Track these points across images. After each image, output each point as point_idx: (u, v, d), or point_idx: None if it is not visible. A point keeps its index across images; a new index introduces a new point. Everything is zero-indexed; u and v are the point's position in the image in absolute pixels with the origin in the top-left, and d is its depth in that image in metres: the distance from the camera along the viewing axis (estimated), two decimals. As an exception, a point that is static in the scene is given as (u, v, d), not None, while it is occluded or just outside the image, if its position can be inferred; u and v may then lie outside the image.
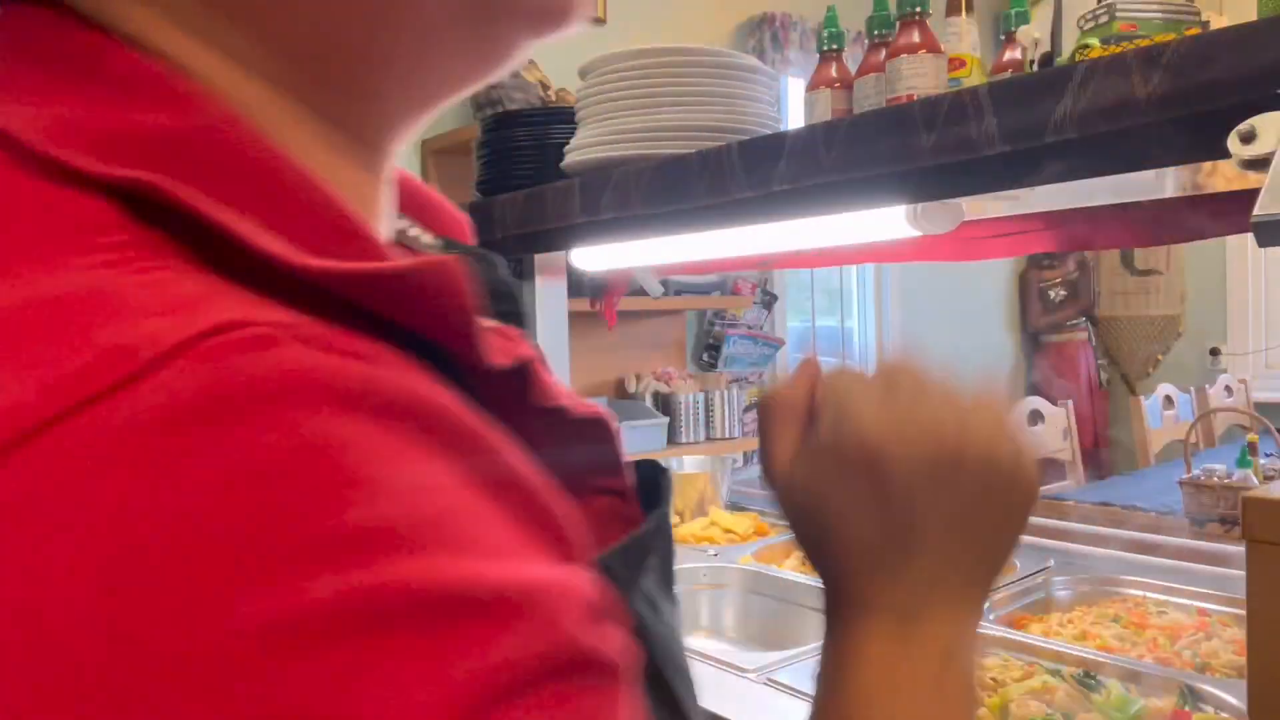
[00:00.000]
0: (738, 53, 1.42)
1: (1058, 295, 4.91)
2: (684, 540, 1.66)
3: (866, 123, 1.02)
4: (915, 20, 1.12)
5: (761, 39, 3.64)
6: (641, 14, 3.37)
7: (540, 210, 1.50)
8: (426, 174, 2.80)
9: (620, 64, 1.40)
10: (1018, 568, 1.38)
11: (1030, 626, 1.21)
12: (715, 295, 3.26)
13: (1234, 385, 4.03)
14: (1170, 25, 0.94)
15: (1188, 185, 1.06)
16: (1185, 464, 2.59)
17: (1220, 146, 0.70)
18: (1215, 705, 0.94)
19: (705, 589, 1.47)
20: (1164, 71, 0.76)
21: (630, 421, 2.87)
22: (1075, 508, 2.66)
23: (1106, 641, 1.14)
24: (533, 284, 1.85)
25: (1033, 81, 0.87)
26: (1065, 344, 4.90)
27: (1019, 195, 1.20)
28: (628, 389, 3.17)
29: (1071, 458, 3.46)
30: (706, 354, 3.54)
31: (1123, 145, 0.85)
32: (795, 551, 1.57)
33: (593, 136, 1.42)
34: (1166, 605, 1.24)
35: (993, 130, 0.89)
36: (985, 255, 1.51)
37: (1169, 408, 3.69)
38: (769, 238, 1.41)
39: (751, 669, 1.05)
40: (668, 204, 1.27)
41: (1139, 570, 1.36)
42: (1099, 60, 0.81)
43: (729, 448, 3.15)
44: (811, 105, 1.26)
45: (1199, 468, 2.50)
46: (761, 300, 3.59)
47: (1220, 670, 1.04)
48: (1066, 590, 1.33)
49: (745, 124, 1.38)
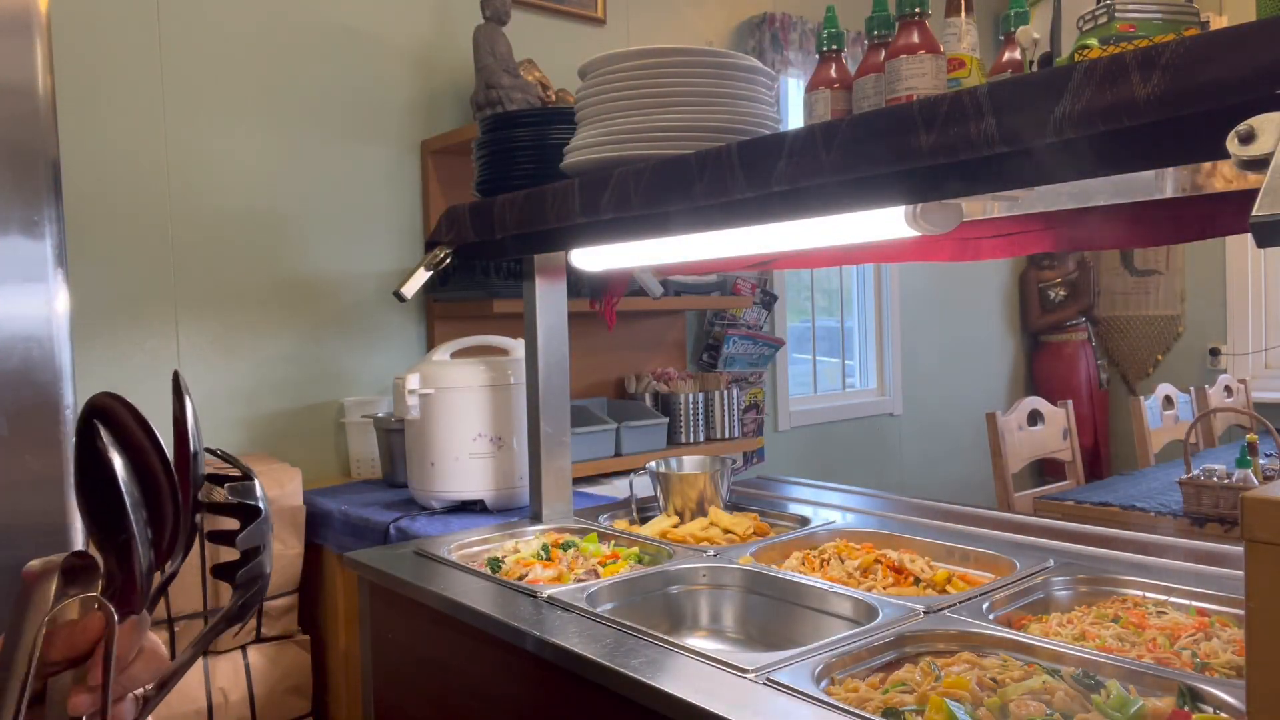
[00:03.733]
0: (738, 53, 1.42)
1: (1058, 295, 4.91)
2: (684, 540, 1.66)
3: (866, 123, 1.02)
4: (915, 20, 1.12)
5: (761, 39, 3.64)
6: (641, 14, 3.37)
7: (540, 210, 1.50)
8: (426, 174, 2.80)
9: (620, 64, 1.40)
10: (1018, 567, 1.38)
11: (1030, 626, 1.21)
12: (715, 295, 3.26)
13: (1234, 385, 4.03)
14: (1169, 26, 0.94)
15: (1188, 185, 1.06)
16: (1185, 464, 2.59)
17: (1219, 146, 0.70)
18: (1215, 705, 0.94)
19: (705, 589, 1.47)
20: (1163, 72, 0.76)
21: (630, 422, 2.88)
22: (1075, 508, 2.67)
23: (1106, 641, 1.14)
24: (533, 284, 1.86)
25: (1032, 82, 0.87)
26: (1065, 344, 4.90)
27: (1019, 195, 1.20)
28: (628, 389, 3.17)
29: (1071, 458, 3.46)
30: (706, 354, 3.54)
31: (1122, 145, 0.85)
32: (795, 551, 1.58)
33: (593, 136, 1.42)
34: (1166, 605, 1.24)
35: (992, 130, 0.89)
36: (985, 255, 1.51)
37: (1169, 408, 3.69)
38: (769, 238, 1.41)
39: (751, 669, 1.05)
40: (668, 204, 1.27)
41: (1138, 570, 1.36)
42: (1098, 61, 0.81)
43: (729, 448, 3.15)
44: (811, 105, 1.26)
45: (1199, 468, 2.50)
46: (761, 300, 3.59)
47: (1220, 670, 1.04)
48: (1066, 590, 1.33)
49: (745, 124, 1.38)
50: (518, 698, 1.31)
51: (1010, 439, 3.20)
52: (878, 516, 1.78)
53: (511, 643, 1.27)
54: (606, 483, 2.70)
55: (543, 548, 1.64)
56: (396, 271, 2.76)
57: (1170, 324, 4.83)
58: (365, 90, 2.72)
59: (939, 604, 1.25)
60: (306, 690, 2.26)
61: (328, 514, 2.26)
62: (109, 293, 2.31)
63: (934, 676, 1.04)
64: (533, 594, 1.38)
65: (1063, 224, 1.41)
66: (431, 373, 2.06)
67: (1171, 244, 4.35)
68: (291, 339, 2.59)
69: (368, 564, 1.61)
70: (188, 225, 2.43)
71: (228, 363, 2.48)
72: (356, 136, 2.70)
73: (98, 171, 2.29)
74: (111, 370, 2.31)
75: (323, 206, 2.64)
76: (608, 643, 1.17)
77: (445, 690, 1.46)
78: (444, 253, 1.76)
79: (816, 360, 4.26)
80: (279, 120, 2.57)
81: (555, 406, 1.86)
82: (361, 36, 2.71)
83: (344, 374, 2.68)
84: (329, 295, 2.66)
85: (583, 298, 2.62)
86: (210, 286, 2.46)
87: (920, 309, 4.51)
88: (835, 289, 4.37)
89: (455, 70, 2.89)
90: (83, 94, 2.27)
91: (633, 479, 2.00)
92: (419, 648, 1.52)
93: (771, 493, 2.05)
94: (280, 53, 2.57)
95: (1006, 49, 1.20)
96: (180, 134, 2.41)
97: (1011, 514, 1.76)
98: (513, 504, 2.09)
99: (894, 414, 4.39)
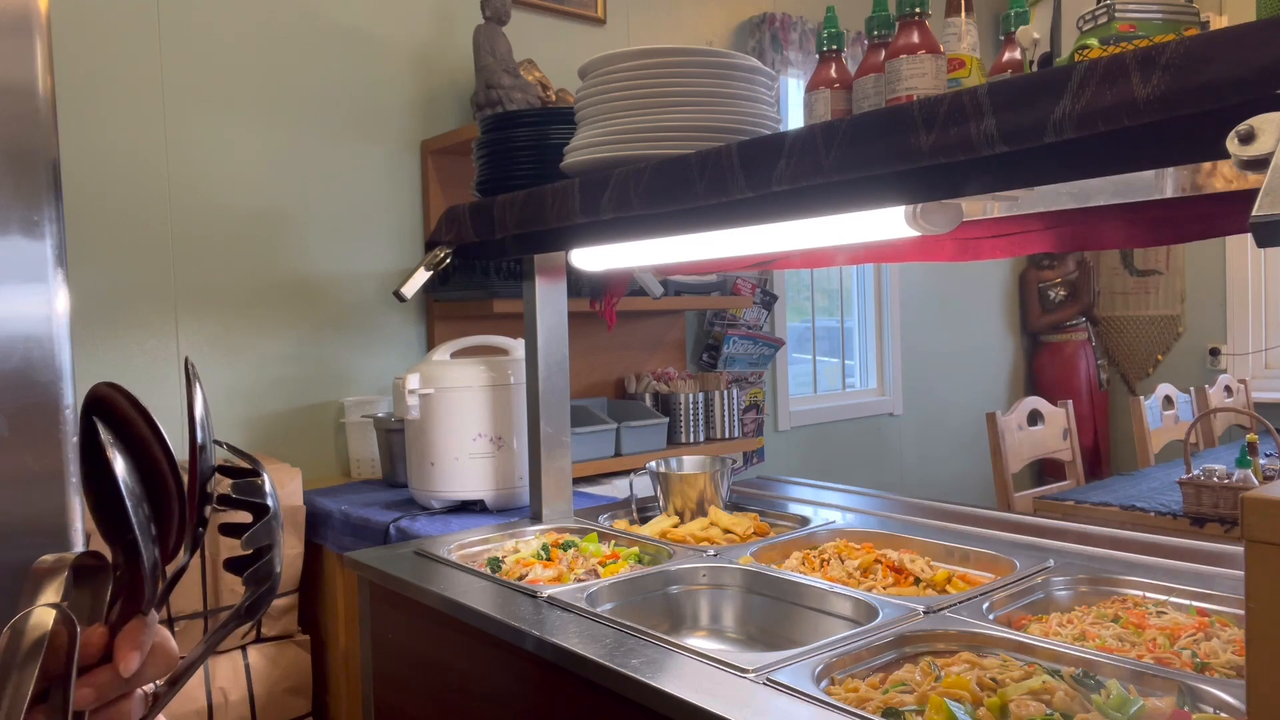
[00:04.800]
0: (738, 53, 1.41)
1: (1058, 295, 4.91)
2: (684, 540, 1.66)
3: (866, 123, 1.02)
4: (915, 20, 1.12)
5: (761, 39, 3.65)
6: (641, 14, 3.37)
7: (540, 210, 1.50)
8: (426, 174, 2.80)
9: (620, 64, 1.40)
10: (1018, 567, 1.38)
11: (1030, 626, 1.21)
12: (715, 295, 3.26)
13: (1234, 385, 4.03)
14: (1169, 26, 0.94)
15: (1188, 185, 1.06)
16: (1185, 464, 2.59)
17: (1219, 146, 0.70)
18: (1215, 705, 0.94)
19: (705, 589, 1.47)
20: (1163, 72, 0.76)
21: (630, 422, 2.88)
22: (1075, 508, 2.67)
23: (1106, 641, 1.14)
24: (533, 284, 1.86)
25: (1032, 82, 0.87)
26: (1065, 344, 4.90)
27: (1019, 195, 1.20)
28: (628, 389, 3.17)
29: (1071, 458, 3.46)
30: (706, 354, 3.54)
31: (1122, 145, 0.85)
32: (795, 551, 1.58)
33: (593, 136, 1.42)
34: (1166, 605, 1.24)
35: (992, 130, 0.89)
36: (985, 255, 1.51)
37: (1169, 408, 3.69)
38: (769, 238, 1.41)
39: (751, 669, 1.05)
40: (668, 204, 1.27)
41: (1139, 570, 1.36)
42: (1098, 61, 0.81)
43: (729, 448, 3.15)
44: (811, 105, 1.26)
45: (1199, 468, 2.50)
46: (761, 300, 3.59)
47: (1220, 670, 1.04)
48: (1066, 590, 1.33)
49: (745, 124, 1.38)
50: (518, 698, 1.31)
51: (1010, 439, 3.20)
52: (878, 516, 1.78)
53: (511, 643, 1.27)
54: (606, 483, 2.70)
55: (543, 548, 1.64)
56: (396, 271, 2.76)
57: (1170, 324, 4.83)
58: (365, 90, 2.72)
59: (939, 604, 1.25)
60: (306, 690, 2.26)
61: (328, 514, 2.26)
62: (109, 293, 2.31)
63: (934, 676, 1.04)
64: (533, 594, 1.38)
65: (1063, 224, 1.41)
66: (431, 373, 2.06)
67: (1171, 244, 4.35)
68: (291, 339, 2.59)
69: (368, 564, 1.61)
70: (188, 225, 2.43)
71: (228, 363, 2.48)
72: (356, 136, 2.70)
73: (98, 171, 2.29)
74: (112, 371, 2.31)
75: (323, 206, 2.64)
76: (608, 643, 1.17)
77: (445, 690, 1.46)
78: (444, 253, 1.76)
79: (816, 360, 4.26)
80: (279, 120, 2.57)
81: (555, 406, 1.86)
82: (361, 36, 2.71)
83: (344, 374, 2.68)
84: (329, 295, 2.66)
85: (583, 298, 2.62)
86: (210, 286, 2.46)
87: (920, 309, 4.51)
88: (835, 289, 4.37)
89: (455, 70, 2.89)
90: (83, 94, 2.27)
91: (633, 479, 2.00)
92: (419, 648, 1.52)
93: (771, 493, 2.05)
94: (280, 53, 2.57)
95: (1006, 49, 1.20)
96: (180, 134, 2.41)
97: (1011, 514, 1.76)
98: (513, 504, 2.09)
99: (894, 414, 4.39)
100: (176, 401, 2.39)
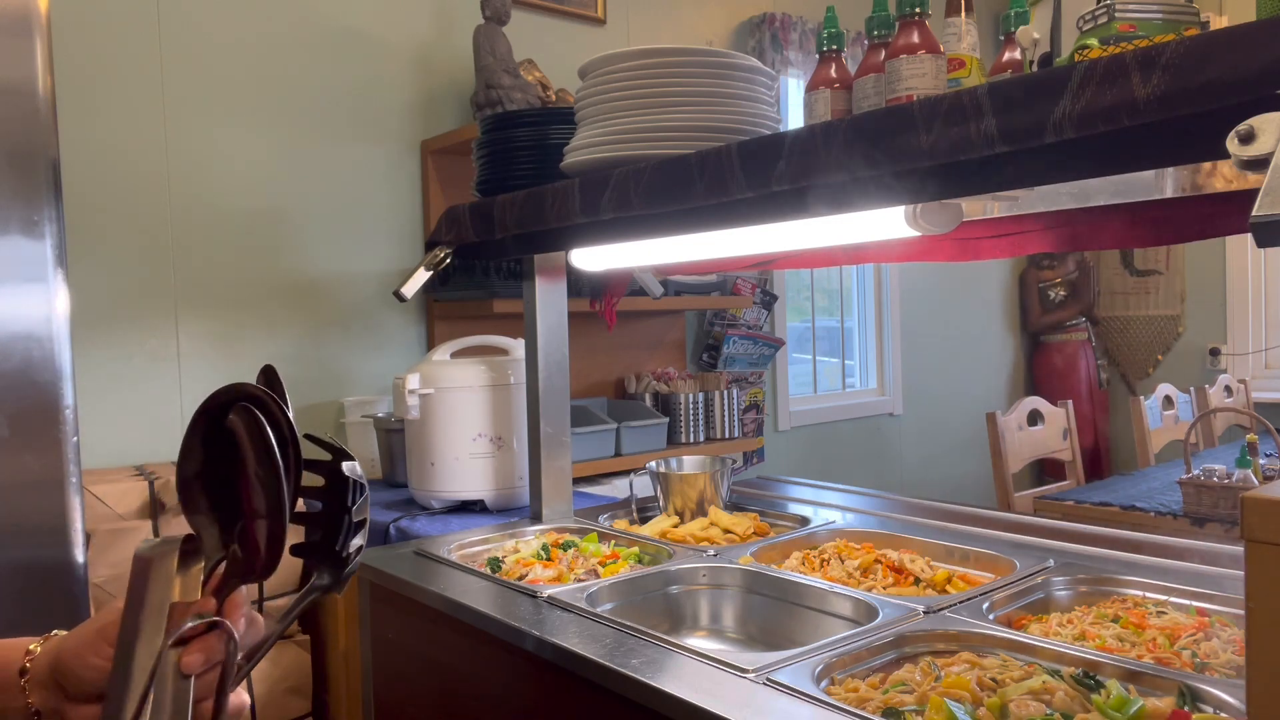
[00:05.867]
0: (738, 53, 1.41)
1: (1058, 295, 4.91)
2: (684, 540, 1.66)
3: (866, 123, 1.02)
4: (915, 20, 1.12)
5: (761, 39, 3.65)
6: (641, 14, 3.37)
7: (540, 210, 1.50)
8: (426, 174, 2.80)
9: (620, 64, 1.40)
10: (1018, 567, 1.38)
11: (1030, 626, 1.21)
12: (715, 295, 3.26)
13: (1234, 385, 4.03)
14: (1169, 26, 0.94)
15: (1188, 185, 1.06)
16: (1185, 464, 2.59)
17: (1219, 147, 0.70)
18: (1215, 705, 0.94)
19: (705, 589, 1.47)
20: (1163, 72, 0.76)
21: (630, 422, 2.88)
22: (1075, 508, 2.67)
23: (1106, 641, 1.13)
24: (533, 284, 1.86)
25: (1032, 82, 0.87)
26: (1065, 344, 4.90)
27: (1019, 195, 1.20)
28: (628, 389, 3.17)
29: (1071, 458, 3.46)
30: (706, 354, 3.54)
31: (1122, 145, 0.85)
32: (795, 551, 1.58)
33: (593, 136, 1.42)
34: (1166, 605, 1.24)
35: (992, 130, 0.89)
36: (985, 255, 1.50)
37: (1169, 408, 3.69)
38: (769, 238, 1.41)
39: (751, 669, 1.05)
40: (668, 204, 1.27)
41: (1138, 570, 1.36)
42: (1098, 61, 0.81)
43: (729, 448, 3.15)
44: (811, 105, 1.26)
45: (1199, 468, 2.50)
46: (761, 300, 3.59)
47: (1220, 670, 1.04)
48: (1066, 590, 1.33)
49: (745, 124, 1.38)
50: (517, 697, 1.31)
51: (1010, 439, 3.20)
52: (878, 516, 1.78)
53: (511, 643, 1.27)
54: (606, 483, 2.70)
55: (543, 548, 1.64)
56: (396, 271, 2.76)
57: (1170, 324, 4.83)
58: (365, 90, 2.72)
59: (939, 604, 1.25)
60: (306, 690, 2.26)
61: (328, 514, 2.25)
62: (109, 293, 2.31)
63: (934, 676, 1.04)
64: (533, 594, 1.38)
65: (1063, 224, 1.41)
66: (431, 373, 2.06)
67: (1171, 244, 4.36)
68: (291, 339, 2.59)
69: (368, 564, 1.60)
70: (188, 225, 2.43)
71: (228, 362, 2.48)
72: (356, 136, 2.70)
73: (98, 171, 2.29)
74: (111, 370, 2.31)
75: (323, 206, 2.64)
76: (608, 643, 1.17)
77: (445, 690, 1.46)
78: (444, 253, 1.76)
79: (816, 360, 4.26)
80: (279, 120, 2.57)
81: (555, 406, 1.86)
82: (361, 36, 2.71)
83: (344, 374, 2.68)
84: (329, 295, 2.66)
85: (583, 298, 2.62)
86: (210, 286, 2.46)
87: (920, 309, 4.51)
88: (835, 289, 4.37)
89: (455, 70, 2.89)
90: (83, 94, 2.27)
91: (633, 479, 2.00)
92: (419, 648, 1.52)
93: (771, 493, 2.05)
94: (280, 53, 2.57)
95: (1006, 49, 1.20)
96: (180, 134, 2.41)
97: (1011, 514, 1.76)
98: (513, 504, 2.09)
99: (894, 414, 4.39)
100: (177, 401, 2.39)
